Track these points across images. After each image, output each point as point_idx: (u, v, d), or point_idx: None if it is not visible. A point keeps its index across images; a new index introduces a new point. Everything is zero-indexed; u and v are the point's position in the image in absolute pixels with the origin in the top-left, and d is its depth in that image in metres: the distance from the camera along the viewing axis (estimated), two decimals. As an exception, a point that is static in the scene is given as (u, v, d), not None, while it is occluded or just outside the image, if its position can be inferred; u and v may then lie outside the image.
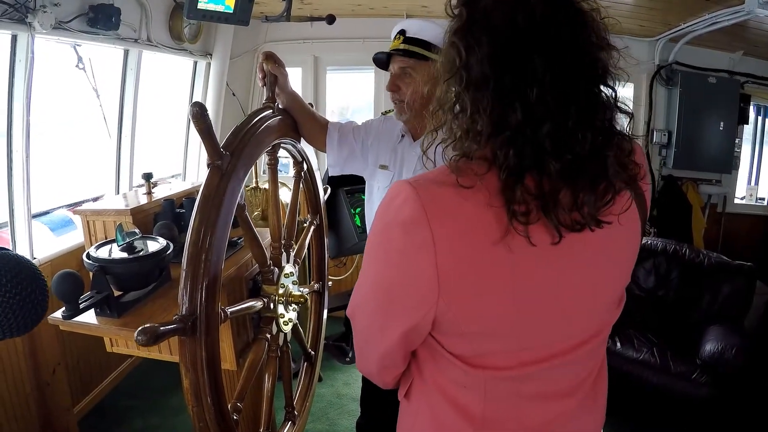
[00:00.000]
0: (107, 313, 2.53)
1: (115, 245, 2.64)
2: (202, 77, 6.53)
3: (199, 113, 1.82)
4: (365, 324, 1.51)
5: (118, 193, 5.69)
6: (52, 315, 2.59)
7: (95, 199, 6.89)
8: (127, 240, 2.59)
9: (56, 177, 5.58)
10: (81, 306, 2.39)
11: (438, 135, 1.36)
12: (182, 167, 6.84)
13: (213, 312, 1.82)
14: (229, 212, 1.96)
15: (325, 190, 3.51)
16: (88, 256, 2.57)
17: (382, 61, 2.94)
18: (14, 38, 4.11)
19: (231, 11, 3.63)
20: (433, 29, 2.68)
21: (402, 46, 2.74)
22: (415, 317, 1.33)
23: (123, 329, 2.50)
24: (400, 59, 2.76)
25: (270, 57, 2.74)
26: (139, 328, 1.57)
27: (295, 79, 7.08)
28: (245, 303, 2.36)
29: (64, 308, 2.43)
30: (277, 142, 2.60)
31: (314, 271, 3.49)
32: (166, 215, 3.49)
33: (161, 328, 1.61)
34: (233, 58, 6.65)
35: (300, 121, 2.90)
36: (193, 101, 1.82)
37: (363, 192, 5.22)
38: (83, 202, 6.72)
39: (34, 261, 4.34)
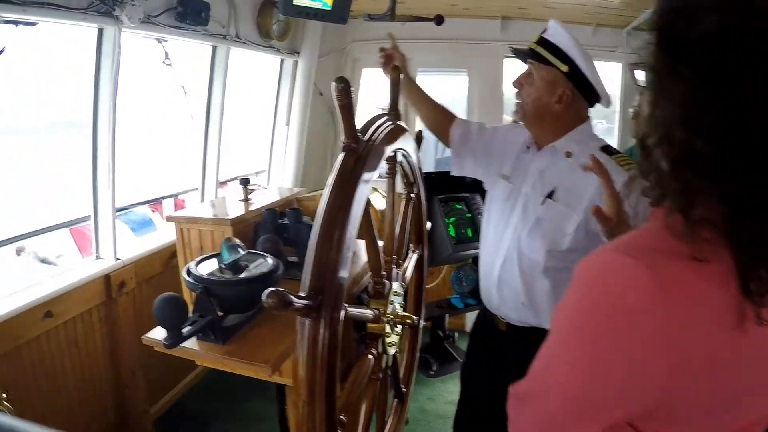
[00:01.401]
0: (210, 338, 2.35)
1: (215, 260, 2.48)
2: (289, 75, 6.34)
3: (344, 89, 1.66)
4: (554, 413, 1.25)
5: (203, 192, 5.59)
6: (147, 335, 2.48)
7: (175, 196, 6.92)
8: (234, 257, 2.40)
9: (137, 173, 5.53)
10: (184, 333, 2.21)
11: (635, 180, 1.14)
12: (267, 166, 6.71)
13: (340, 297, 1.61)
14: (362, 197, 1.76)
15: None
16: (189, 272, 2.40)
17: (518, 56, 2.78)
18: (100, 32, 3.99)
19: (328, 8, 3.41)
20: (565, 36, 2.49)
21: (533, 46, 2.60)
22: (631, 411, 1.10)
23: (227, 359, 2.32)
24: (530, 59, 2.61)
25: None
26: (270, 289, 1.38)
27: (384, 80, 6.89)
28: (361, 307, 2.15)
29: (165, 335, 2.25)
30: (399, 147, 2.38)
31: (411, 305, 3.26)
32: (268, 226, 3.32)
33: (291, 297, 1.41)
34: (321, 56, 6.41)
35: (426, 111, 2.76)
36: (338, 76, 1.63)
37: (458, 201, 5.10)
38: (163, 198, 6.78)
39: (117, 261, 4.32)
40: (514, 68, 6.10)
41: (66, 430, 3.92)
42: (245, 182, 3.73)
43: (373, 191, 4.76)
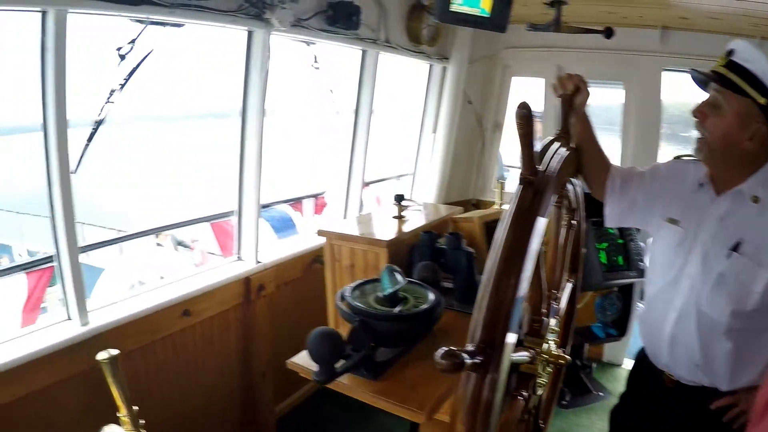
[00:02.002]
0: (362, 373, 2.24)
1: (366, 285, 2.37)
2: (437, 82, 6.19)
3: (526, 116, 1.50)
4: None
5: (348, 193, 5.56)
6: (293, 360, 2.53)
7: (316, 196, 7.01)
8: (395, 288, 2.28)
9: (280, 171, 5.57)
10: (338, 370, 2.10)
11: None
12: (412, 173, 6.63)
13: (506, 349, 1.44)
14: (538, 236, 1.58)
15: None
16: (343, 298, 2.30)
17: (699, 80, 2.39)
18: (250, 34, 4.02)
19: (487, 15, 3.19)
20: (763, 61, 2.07)
21: (721, 70, 2.18)
22: None
23: (379, 398, 2.19)
24: (716, 85, 2.21)
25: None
26: (444, 350, 1.24)
27: (537, 90, 6.60)
28: (519, 350, 1.96)
29: (317, 370, 2.16)
30: (569, 178, 2.18)
31: (559, 338, 3.03)
32: (424, 250, 3.16)
33: (464, 356, 1.26)
34: (471, 62, 6.20)
35: (588, 155, 2.44)
36: (521, 101, 1.46)
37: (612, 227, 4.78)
38: (304, 198, 6.90)
39: (258, 264, 4.35)
40: (673, 82, 5.67)
41: (193, 423, 4.06)
42: (400, 198, 3.62)
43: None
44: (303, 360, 2.36)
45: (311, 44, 4.61)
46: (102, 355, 1.69)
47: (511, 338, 1.45)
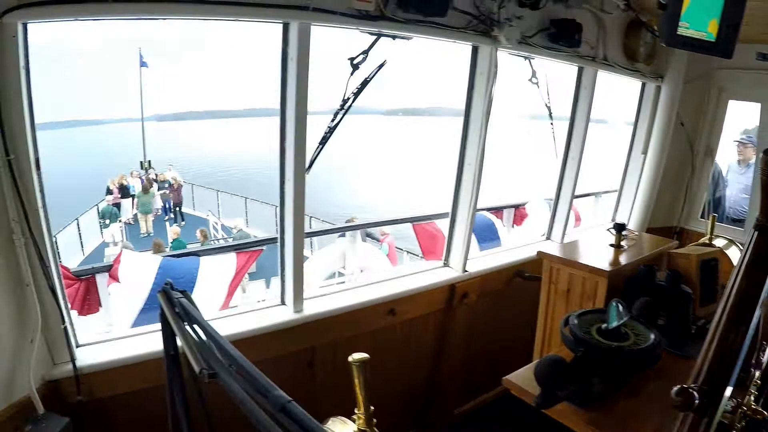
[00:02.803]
0: (575, 401, 2.28)
1: (588, 315, 2.39)
2: (650, 101, 5.98)
3: None
4: None
5: (556, 206, 5.55)
6: (509, 378, 2.52)
7: (517, 207, 7.03)
8: (619, 323, 2.29)
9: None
10: (560, 395, 2.16)
11: None
12: (618, 192, 6.47)
13: (725, 395, 1.43)
14: None
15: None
16: (566, 323, 2.35)
17: None
18: (475, 50, 4.14)
19: (713, 40, 3.03)
20: None
21: None
22: None
23: (588, 427, 2.23)
24: None
25: None
26: (681, 387, 1.32)
27: (754, 115, 6.13)
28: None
29: (539, 394, 2.23)
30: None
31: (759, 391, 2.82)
32: (642, 284, 3.11)
33: (695, 395, 1.32)
34: (685, 83, 5.90)
35: None
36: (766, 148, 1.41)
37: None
38: (505, 207, 6.95)
39: (465, 273, 4.50)
40: None
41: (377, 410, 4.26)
42: (620, 228, 3.57)
43: (729, 244, 4.26)
44: (520, 380, 2.42)
45: (530, 60, 4.64)
46: (355, 357, 1.88)
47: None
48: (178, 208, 20.45)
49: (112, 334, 3.66)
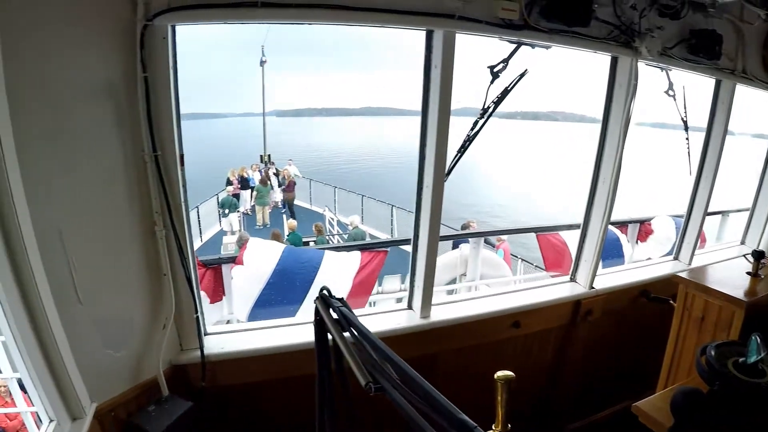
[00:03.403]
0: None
1: (725, 347, 2.25)
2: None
3: None
4: None
5: (687, 222, 5.27)
6: (638, 405, 2.45)
7: (642, 222, 6.75)
8: (758, 357, 2.14)
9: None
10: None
11: None
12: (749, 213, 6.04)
13: None
14: None
15: None
16: (703, 353, 2.22)
17: None
18: (614, 61, 3.99)
19: None
20: None
21: None
22: None
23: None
24: None
25: None
26: None
27: None
28: None
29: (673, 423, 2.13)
30: None
31: None
32: None
33: None
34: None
35: None
36: None
37: None
38: (630, 222, 6.70)
39: (591, 290, 4.37)
40: None
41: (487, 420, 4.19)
42: (759, 255, 3.35)
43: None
44: (651, 408, 2.35)
45: (666, 70, 4.41)
46: (500, 375, 1.86)
47: None
48: (289, 205, 21.02)
49: (238, 326, 3.83)
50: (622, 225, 6.64)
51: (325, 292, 2.27)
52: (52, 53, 2.39)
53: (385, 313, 3.89)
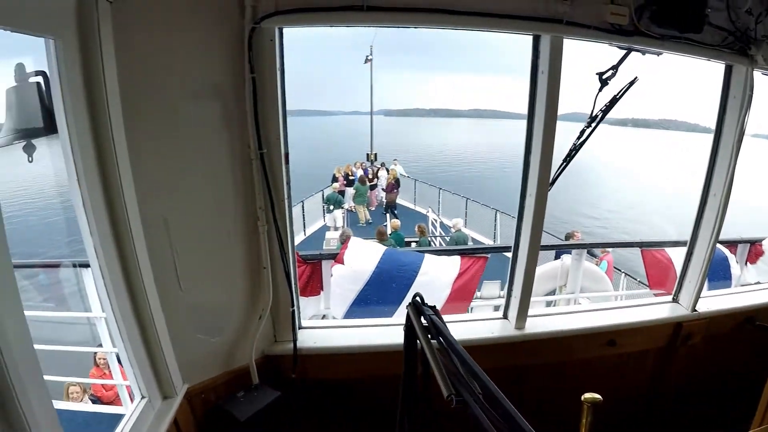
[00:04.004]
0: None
1: None
2: None
3: None
4: None
5: None
6: None
7: (753, 242, 6.34)
8: None
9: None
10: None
11: None
12: None
13: None
14: None
15: None
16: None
17: None
18: (728, 69, 3.73)
19: None
20: None
21: None
22: None
23: None
24: None
25: None
26: None
27: None
28: None
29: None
30: None
31: None
32: None
33: None
34: None
35: None
36: None
37: None
38: (739, 242, 6.29)
39: (693, 313, 4.12)
40: None
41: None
42: None
43: None
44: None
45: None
46: (587, 397, 1.79)
47: None
48: (392, 208, 20.97)
49: (331, 322, 3.91)
50: (731, 244, 6.16)
51: (417, 298, 2.29)
52: (163, 56, 2.55)
53: (480, 321, 3.84)
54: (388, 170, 23.04)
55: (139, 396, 2.69)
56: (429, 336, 2.08)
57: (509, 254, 3.77)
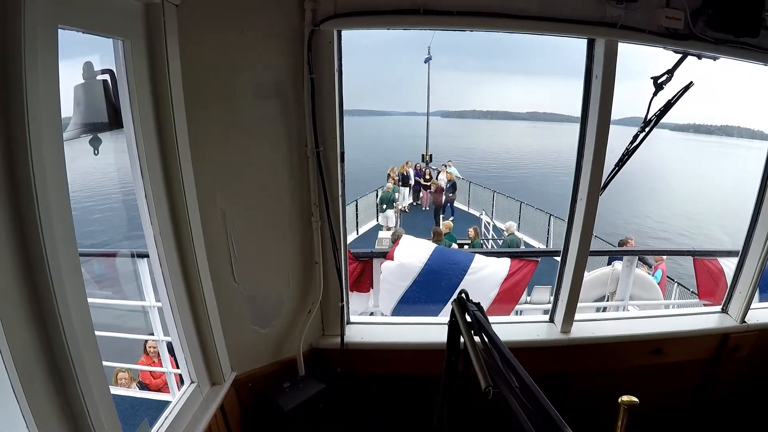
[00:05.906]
0: None
1: None
2: None
3: None
4: None
5: None
6: None
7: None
8: None
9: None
10: None
11: None
12: None
13: None
14: None
15: None
16: None
17: None
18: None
19: None
20: None
21: None
22: None
23: None
24: None
25: None
26: None
27: None
28: None
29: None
30: None
31: None
32: None
33: None
34: None
35: None
36: None
37: None
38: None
39: (742, 324, 3.98)
40: None
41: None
42: None
43: None
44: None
45: None
46: (624, 399, 1.78)
47: None
48: (444, 210, 20.91)
49: (379, 318, 3.96)
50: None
51: (462, 295, 2.32)
52: (225, 56, 2.67)
53: (526, 323, 3.86)
54: (428, 169, 23.04)
55: (189, 381, 2.81)
56: (472, 332, 2.10)
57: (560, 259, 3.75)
